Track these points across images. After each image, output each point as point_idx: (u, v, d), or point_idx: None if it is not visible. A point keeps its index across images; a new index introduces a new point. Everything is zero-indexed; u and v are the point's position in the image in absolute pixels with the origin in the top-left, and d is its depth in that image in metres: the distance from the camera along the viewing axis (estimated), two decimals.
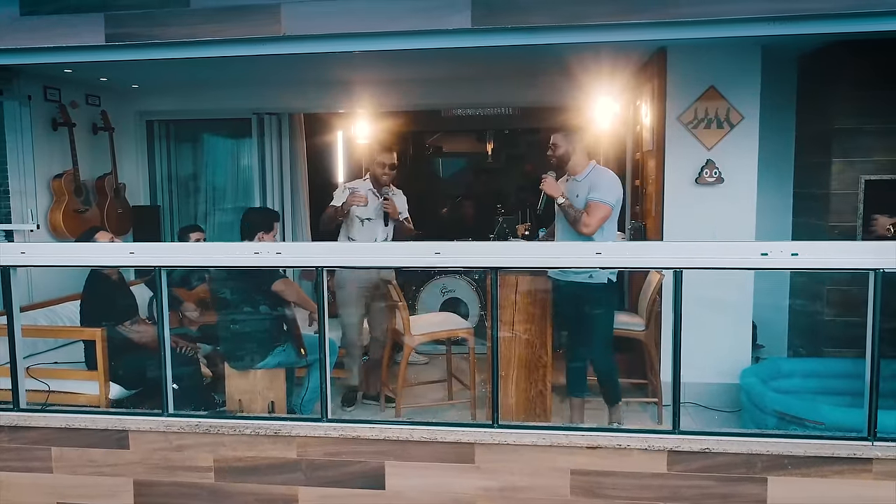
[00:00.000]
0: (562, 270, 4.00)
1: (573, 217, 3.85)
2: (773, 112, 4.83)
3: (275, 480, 3.46)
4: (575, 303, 4.01)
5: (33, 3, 3.38)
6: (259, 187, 6.33)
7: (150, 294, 4.72)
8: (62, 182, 5.22)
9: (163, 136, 6.49)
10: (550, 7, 3.07)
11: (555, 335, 4.20)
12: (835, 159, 4.31)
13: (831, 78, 4.43)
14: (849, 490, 3.07)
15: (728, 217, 4.33)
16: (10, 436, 3.65)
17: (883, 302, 3.02)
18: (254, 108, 6.15)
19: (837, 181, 4.34)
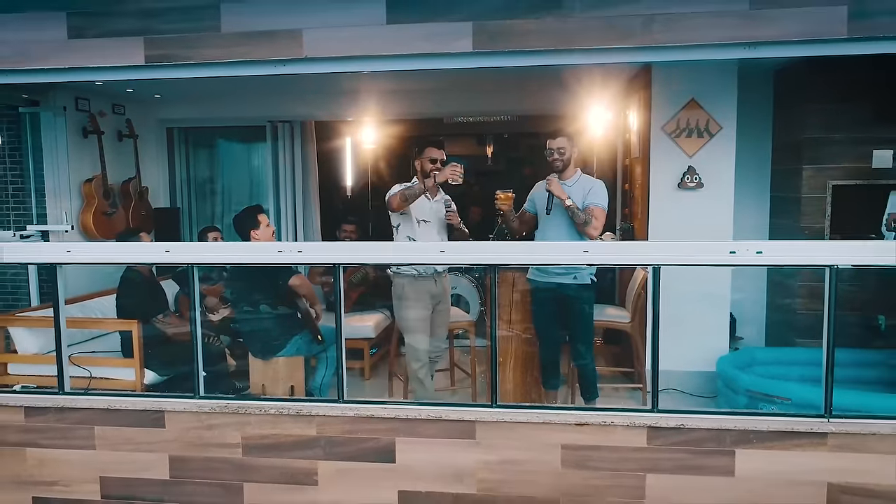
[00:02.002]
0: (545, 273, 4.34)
1: (582, 220, 4.15)
2: (752, 122, 5.20)
3: (296, 456, 3.83)
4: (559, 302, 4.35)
5: (79, 28, 3.75)
6: (273, 189, 6.71)
7: (177, 289, 5.08)
8: (92, 186, 5.59)
9: (182, 142, 6.86)
10: (544, 33, 3.43)
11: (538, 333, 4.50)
12: (805, 166, 4.68)
13: (802, 92, 4.80)
14: (807, 461, 3.44)
15: (707, 219, 4.70)
16: (57, 416, 4.02)
17: (848, 296, 3.40)
18: (268, 117, 6.53)
19: (808, 186, 4.71)
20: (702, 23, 3.32)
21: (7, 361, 4.31)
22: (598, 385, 4.43)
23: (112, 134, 6.01)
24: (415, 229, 4.38)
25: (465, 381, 5.09)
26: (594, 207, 4.17)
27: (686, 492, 3.53)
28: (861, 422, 3.41)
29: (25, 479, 4.05)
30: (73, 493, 4.02)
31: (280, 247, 3.92)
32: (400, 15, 3.50)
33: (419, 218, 4.39)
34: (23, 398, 4.07)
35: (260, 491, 3.88)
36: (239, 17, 3.61)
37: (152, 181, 6.48)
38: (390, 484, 3.76)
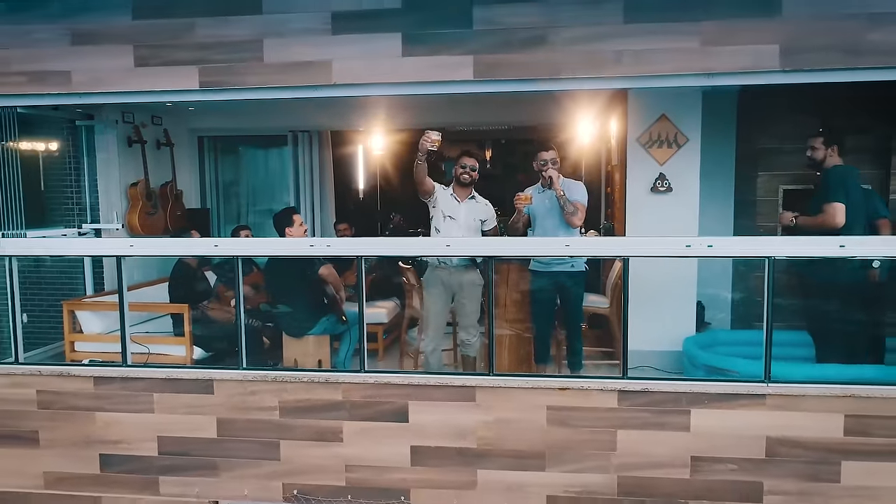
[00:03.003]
0: (546, 263, 5.05)
1: (570, 210, 4.86)
2: (720, 134, 5.86)
3: (325, 417, 4.50)
4: (557, 288, 5.06)
5: (144, 58, 4.42)
6: (293, 191, 7.39)
7: (215, 278, 5.76)
8: (137, 189, 6.26)
9: (211, 149, 7.54)
10: (532, 65, 4.10)
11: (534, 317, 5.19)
12: (760, 173, 5.36)
13: (760, 108, 5.46)
14: (749, 418, 4.12)
15: (676, 219, 5.36)
16: (122, 385, 4.70)
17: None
18: (289, 126, 7.21)
19: (763, 190, 5.38)
20: (662, 57, 3.99)
21: (76, 340, 4.99)
22: (582, 361, 5.13)
23: (152, 143, 6.67)
24: (440, 223, 4.99)
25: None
26: (577, 202, 4.90)
27: (650, 445, 4.22)
28: (793, 386, 4.09)
29: (94, 439, 4.73)
30: (134, 450, 4.71)
31: (312, 241, 4.62)
32: (413, 49, 4.18)
33: (446, 213, 4.98)
34: (92, 370, 4.76)
35: (294, 447, 4.56)
36: (279, 50, 4.28)
37: (185, 184, 7.14)
38: (404, 440, 4.44)
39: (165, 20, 4.35)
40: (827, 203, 4.31)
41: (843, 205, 4.26)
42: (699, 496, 4.21)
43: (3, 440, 4.80)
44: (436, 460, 4.39)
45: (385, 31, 4.18)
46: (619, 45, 3.99)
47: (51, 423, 4.76)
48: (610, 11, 3.97)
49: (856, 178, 4.57)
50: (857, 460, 4.04)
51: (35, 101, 4.66)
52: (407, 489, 4.45)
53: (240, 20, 4.28)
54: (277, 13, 4.25)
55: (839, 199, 4.28)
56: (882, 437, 4.00)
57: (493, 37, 4.08)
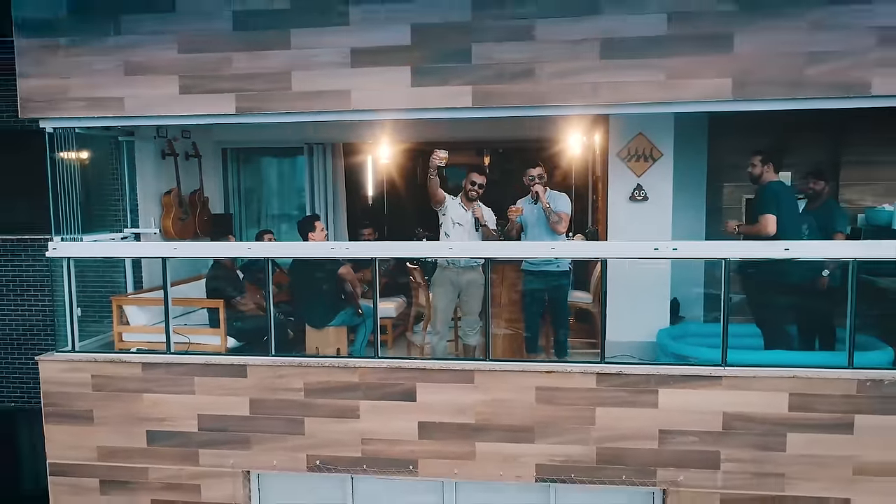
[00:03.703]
0: (535, 264, 5.70)
1: (555, 220, 5.50)
2: (692, 149, 6.50)
3: (343, 397, 5.14)
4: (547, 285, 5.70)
5: (188, 87, 5.08)
6: (309, 197, 8.03)
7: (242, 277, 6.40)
8: (170, 197, 6.89)
9: (233, 159, 8.17)
10: (521, 94, 4.75)
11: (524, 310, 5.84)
12: (725, 184, 6.00)
13: (729, 127, 6.10)
14: (708, 397, 4.76)
15: (651, 224, 5.97)
16: (166, 370, 5.34)
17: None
18: (305, 140, 7.85)
19: (728, 199, 6.03)
20: (633, 88, 4.64)
21: (123, 332, 5.64)
22: (567, 349, 5.79)
23: (181, 154, 7.31)
24: (450, 228, 5.60)
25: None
26: (561, 213, 5.56)
27: (624, 420, 4.87)
28: (745, 369, 4.75)
29: (142, 417, 5.38)
30: (177, 426, 5.35)
31: (332, 245, 5.28)
32: (420, 80, 4.82)
33: (455, 220, 5.59)
34: (141, 357, 5.41)
35: (316, 423, 5.20)
36: (305, 80, 4.93)
37: (211, 192, 7.77)
38: (412, 417, 5.08)
39: (206, 54, 5.00)
40: (761, 214, 4.96)
41: (774, 216, 4.89)
42: (667, 464, 4.86)
43: (62, 418, 5.45)
44: (440, 434, 5.04)
45: (397, 65, 4.83)
46: (595, 78, 4.65)
47: (103, 403, 5.41)
48: (588, 49, 4.63)
49: (789, 193, 5.22)
50: (799, 432, 4.69)
51: (93, 123, 5.32)
52: (415, 459, 5.10)
53: (271, 54, 4.94)
54: (304, 48, 4.91)
55: (771, 211, 4.91)
56: (820, 412, 4.65)
57: (488, 70, 4.74)
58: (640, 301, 5.96)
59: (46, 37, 5.16)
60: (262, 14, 4.92)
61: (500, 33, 4.71)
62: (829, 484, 4.69)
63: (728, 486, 4.80)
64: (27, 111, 5.24)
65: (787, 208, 5.01)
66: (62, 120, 5.27)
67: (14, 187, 7.32)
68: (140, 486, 5.42)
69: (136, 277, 6.52)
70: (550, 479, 4.97)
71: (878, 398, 4.60)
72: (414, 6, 4.79)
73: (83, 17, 5.11)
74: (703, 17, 4.52)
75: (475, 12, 4.73)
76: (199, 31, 4.99)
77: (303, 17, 4.89)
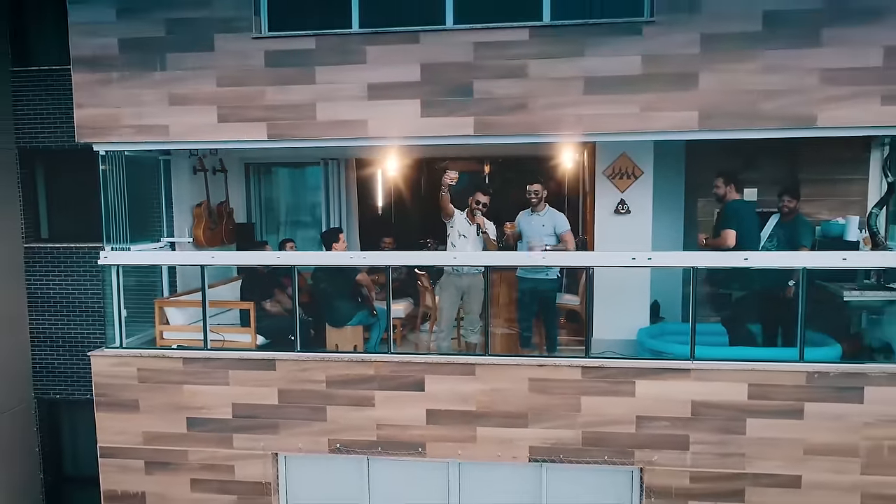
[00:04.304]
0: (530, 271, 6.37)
1: (561, 247, 6.08)
2: (674, 168, 7.18)
3: (360, 388, 5.81)
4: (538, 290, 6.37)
5: (225, 116, 5.77)
6: (324, 208, 8.71)
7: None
8: (201, 209, 7.58)
9: (255, 173, 8.85)
10: (517, 125, 5.43)
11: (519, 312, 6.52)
12: (699, 198, 6.68)
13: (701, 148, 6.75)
14: (679, 387, 5.43)
15: (633, 235, 6.64)
16: (203, 364, 6.02)
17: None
18: (321, 156, 8.53)
19: (703, 212, 6.70)
20: (612, 120, 5.32)
21: (164, 331, 6.32)
22: (557, 346, 6.48)
23: (210, 170, 8.00)
24: (456, 239, 6.26)
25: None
26: (565, 234, 6.21)
27: (606, 407, 5.53)
28: (710, 363, 5.42)
29: (182, 406, 6.05)
30: (213, 414, 6.02)
31: (351, 255, 5.98)
32: (428, 112, 5.50)
33: (461, 232, 6.25)
34: (181, 353, 6.09)
35: (336, 410, 5.87)
36: (328, 111, 5.60)
37: (235, 203, 8.45)
38: (421, 405, 5.74)
39: (241, 88, 5.69)
40: (723, 230, 5.65)
41: (734, 231, 5.56)
42: (643, 446, 5.53)
43: (111, 406, 6.14)
44: (445, 420, 5.71)
45: (408, 98, 5.52)
46: (579, 111, 5.33)
47: (148, 393, 6.09)
48: (573, 87, 5.31)
49: (750, 210, 5.88)
50: (757, 418, 5.35)
51: (141, 147, 6.02)
52: (423, 442, 5.77)
53: (299, 88, 5.63)
54: (327, 84, 5.59)
55: (732, 226, 5.58)
56: (775, 400, 5.32)
57: (488, 104, 5.42)
58: (623, 303, 6.63)
59: (100, 72, 5.85)
60: (290, 53, 5.61)
61: (497, 71, 5.39)
62: (783, 462, 5.36)
63: (696, 465, 5.47)
64: (83, 136, 5.93)
65: (747, 223, 5.69)
66: (114, 144, 5.95)
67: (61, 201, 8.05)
68: (180, 466, 6.09)
69: (171, 280, 7.21)
70: (542, 460, 5.65)
71: (825, 388, 5.27)
72: (423, 47, 5.48)
73: (133, 55, 5.79)
74: (672, 59, 5.20)
75: (476, 53, 5.42)
76: (235, 68, 5.67)
77: (326, 56, 5.58)
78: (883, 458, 5.25)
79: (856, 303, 5.73)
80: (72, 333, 7.99)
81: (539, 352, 6.30)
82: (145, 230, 7.13)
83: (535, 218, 6.32)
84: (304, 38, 5.60)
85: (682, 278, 7.30)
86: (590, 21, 5.29)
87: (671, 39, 5.20)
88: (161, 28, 5.74)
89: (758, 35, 5.10)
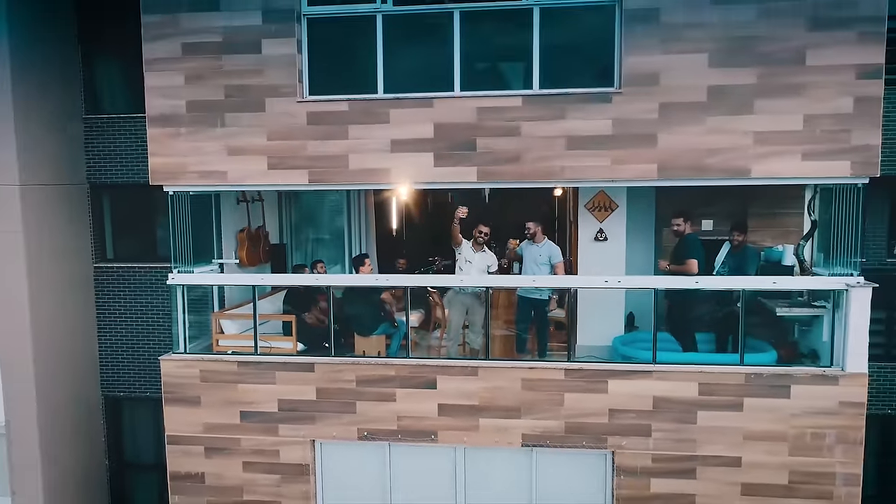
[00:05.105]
0: (525, 291, 7.58)
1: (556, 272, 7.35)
2: (644, 202, 8.34)
3: (384, 386, 6.98)
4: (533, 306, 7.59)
5: (273, 164, 6.98)
6: (346, 228, 9.91)
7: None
8: (243, 234, 8.77)
9: (286, 198, 10.07)
10: (512, 173, 6.64)
11: (517, 322, 7.74)
12: (665, 228, 7.89)
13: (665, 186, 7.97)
14: (643, 385, 6.60)
15: (610, 259, 7.82)
16: (254, 366, 7.20)
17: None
18: None
19: (667, 241, 7.89)
20: (588, 170, 6.49)
21: (220, 339, 7.53)
22: (547, 352, 7.70)
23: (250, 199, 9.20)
24: (463, 264, 7.45)
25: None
26: (558, 264, 7.37)
27: (584, 402, 6.69)
28: (668, 366, 6.62)
29: (236, 401, 7.22)
30: (262, 408, 7.19)
31: (377, 277, 7.20)
32: (440, 162, 6.66)
33: (467, 259, 7.45)
34: (235, 357, 7.26)
35: (365, 405, 7.03)
36: (358, 161, 6.76)
37: (270, 227, 9.67)
38: (434, 400, 6.90)
39: (288, 141, 6.89)
40: (688, 259, 6.86)
41: (696, 260, 6.81)
42: (614, 433, 6.70)
43: (178, 402, 7.32)
44: (453, 412, 6.86)
45: (423, 151, 6.68)
46: (563, 163, 6.51)
47: (208, 391, 7.27)
48: (557, 143, 6.50)
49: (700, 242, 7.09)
50: (705, 410, 6.52)
51: (203, 189, 7.23)
52: (435, 431, 6.94)
53: (334, 142, 6.80)
54: (357, 139, 6.77)
55: (695, 256, 6.82)
56: (720, 396, 6.48)
57: (489, 156, 6.60)
58: (602, 315, 7.84)
59: (170, 127, 7.05)
60: (328, 114, 6.79)
61: (496, 130, 6.57)
62: (727, 446, 6.53)
63: (657, 449, 6.64)
64: (156, 180, 7.14)
65: (701, 253, 6.92)
66: (181, 186, 7.16)
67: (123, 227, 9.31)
68: (234, 451, 7.26)
69: (220, 295, 8.42)
70: (532, 445, 6.83)
71: (760, 386, 6.44)
72: (435, 110, 6.65)
73: (198, 114, 6.98)
74: (635, 122, 6.38)
75: (479, 115, 6.60)
76: (282, 125, 6.86)
77: (357, 117, 6.74)
78: (806, 443, 6.43)
79: (788, 317, 6.91)
80: (132, 340, 9.19)
81: (532, 356, 7.50)
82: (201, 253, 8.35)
83: (534, 248, 7.50)
84: (339, 102, 6.77)
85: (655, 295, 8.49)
86: (570, 91, 6.47)
87: (635, 107, 6.38)
88: (221, 92, 6.92)
89: (704, 104, 6.28)
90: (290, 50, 6.77)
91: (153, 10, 6.88)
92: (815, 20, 6.12)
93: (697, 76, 6.27)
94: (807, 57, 6.16)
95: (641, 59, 6.33)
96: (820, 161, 6.21)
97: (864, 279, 6.34)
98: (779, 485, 6.50)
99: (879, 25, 6.06)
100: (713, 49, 6.24)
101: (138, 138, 8.76)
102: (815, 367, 6.52)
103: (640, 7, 6.28)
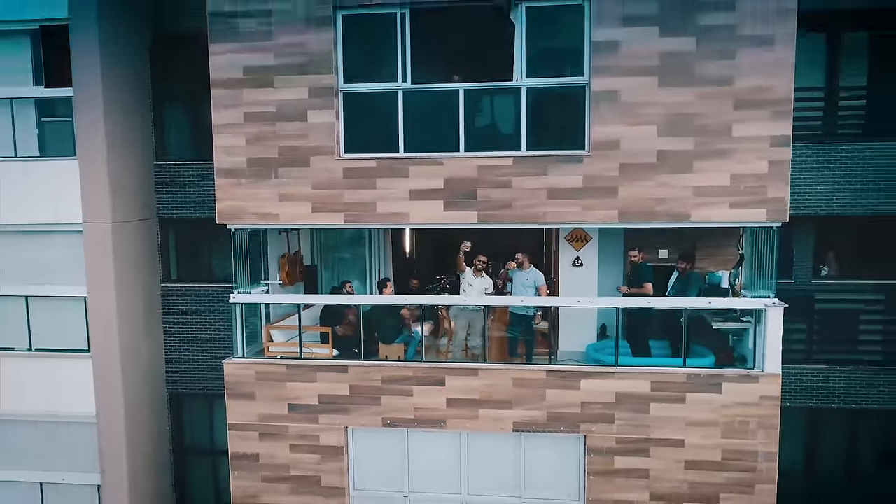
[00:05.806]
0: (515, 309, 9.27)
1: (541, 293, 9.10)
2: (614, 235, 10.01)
3: (403, 384, 8.63)
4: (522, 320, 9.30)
5: (317, 207, 8.70)
6: (367, 254, 11.62)
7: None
8: (285, 259, 10.47)
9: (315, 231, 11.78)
10: (506, 217, 8.37)
11: (510, 334, 9.45)
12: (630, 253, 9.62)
13: None
14: (607, 383, 8.27)
15: (585, 282, 9.53)
16: (300, 368, 8.88)
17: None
18: None
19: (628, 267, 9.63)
20: (564, 214, 8.22)
21: (270, 346, 9.23)
22: (533, 356, 9.41)
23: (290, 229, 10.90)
24: (466, 287, 9.12)
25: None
26: (541, 287, 9.06)
27: (561, 397, 8.36)
28: (628, 367, 8.33)
29: (284, 396, 8.88)
30: (305, 401, 8.83)
31: (398, 298, 8.93)
32: (449, 208, 8.35)
33: (469, 283, 9.13)
34: (284, 361, 8.91)
35: (388, 399, 8.68)
36: (384, 206, 8.44)
37: (303, 251, 11.38)
38: (443, 395, 8.53)
39: (328, 190, 8.57)
40: (644, 283, 8.59)
41: (650, 283, 8.56)
42: (585, 421, 8.34)
43: (238, 396, 8.99)
44: (458, 404, 8.54)
45: (435, 199, 8.35)
46: (545, 209, 8.19)
47: (262, 388, 8.94)
48: (540, 194, 8.21)
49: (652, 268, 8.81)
50: (656, 403, 8.20)
51: (260, 227, 8.95)
52: (444, 419, 8.60)
53: (365, 191, 8.50)
54: (383, 188, 8.47)
55: (650, 280, 8.57)
56: (667, 391, 8.16)
57: (487, 203, 8.28)
58: (577, 327, 9.56)
59: (232, 178, 8.75)
60: (359, 169, 8.49)
61: (493, 183, 8.25)
62: (673, 431, 8.20)
63: (619, 433, 8.30)
64: (222, 219, 8.83)
65: (653, 277, 8.67)
66: (242, 224, 8.88)
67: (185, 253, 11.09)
68: (283, 436, 8.91)
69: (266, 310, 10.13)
70: (521, 430, 8.49)
71: (699, 384, 8.14)
72: (445, 167, 8.35)
73: (255, 168, 8.69)
74: (601, 178, 8.09)
75: (479, 171, 8.32)
76: (324, 178, 8.56)
77: (383, 171, 8.40)
78: (734, 428, 8.11)
79: (723, 329, 8.64)
80: (192, 346, 10.95)
81: (521, 360, 9.23)
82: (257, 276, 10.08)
83: (522, 273, 9.20)
84: (369, 160, 8.45)
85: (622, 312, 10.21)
86: (551, 153, 8.18)
87: (601, 166, 8.07)
88: (275, 151, 8.60)
89: (654, 164, 7.96)
90: (330, 119, 8.47)
91: (222, 86, 8.59)
92: (740, 102, 7.81)
93: (649, 143, 7.95)
94: (733, 129, 7.84)
95: (606, 129, 8.02)
96: (743, 209, 7.90)
97: (778, 300, 8.05)
98: (713, 461, 8.17)
99: (788, 105, 7.77)
100: (661, 122, 7.92)
101: (197, 181, 10.52)
102: (741, 369, 8.21)
103: (605, 89, 7.98)
